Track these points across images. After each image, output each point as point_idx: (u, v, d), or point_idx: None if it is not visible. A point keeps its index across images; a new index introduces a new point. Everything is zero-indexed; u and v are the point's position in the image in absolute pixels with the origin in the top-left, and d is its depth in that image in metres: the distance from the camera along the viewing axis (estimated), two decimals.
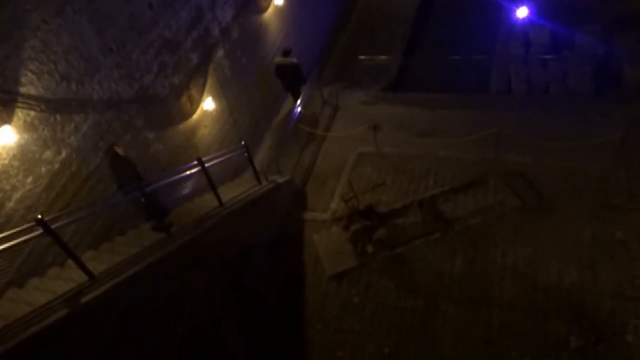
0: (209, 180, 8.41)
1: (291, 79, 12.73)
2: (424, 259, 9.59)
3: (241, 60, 11.62)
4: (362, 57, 14.55)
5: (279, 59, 12.52)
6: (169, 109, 9.30)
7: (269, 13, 12.67)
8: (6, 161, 6.31)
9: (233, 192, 9.69)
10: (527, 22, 14.99)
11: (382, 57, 15.05)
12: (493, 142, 10.60)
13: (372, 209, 10.28)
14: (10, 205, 6.46)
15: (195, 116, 10.00)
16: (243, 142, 9.73)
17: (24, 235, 5.84)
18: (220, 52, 10.71)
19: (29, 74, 6.46)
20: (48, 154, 6.88)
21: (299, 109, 12.62)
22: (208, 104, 10.20)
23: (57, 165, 7.04)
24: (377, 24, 18.37)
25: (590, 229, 9.22)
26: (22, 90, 6.38)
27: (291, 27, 13.66)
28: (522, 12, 14.29)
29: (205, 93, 10.22)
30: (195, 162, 8.12)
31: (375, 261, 9.75)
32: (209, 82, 10.37)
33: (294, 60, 12.43)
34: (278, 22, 13.19)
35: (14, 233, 5.81)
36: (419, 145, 11.71)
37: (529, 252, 9.20)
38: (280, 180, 10.84)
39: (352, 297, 9.45)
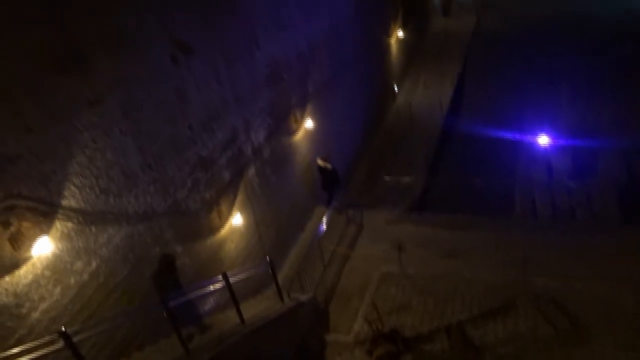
0: (232, 296, 8.33)
1: (328, 180, 14.12)
2: None
3: (270, 178, 12.07)
4: (387, 177, 14.99)
5: (320, 162, 13.92)
6: (199, 223, 9.52)
7: (299, 135, 13.38)
8: (39, 271, 6.41)
9: (255, 308, 9.53)
10: (548, 148, 15.47)
11: (406, 177, 15.49)
12: (520, 264, 10.43)
13: (397, 333, 9.90)
14: (35, 315, 6.44)
15: (223, 231, 10.19)
16: (268, 258, 9.77)
17: (45, 347, 5.77)
18: (251, 171, 11.17)
19: (72, 187, 6.77)
20: (79, 264, 6.99)
21: (324, 226, 12.78)
22: (236, 219, 10.43)
23: (86, 276, 7.10)
24: (401, 144, 19.16)
25: None
26: (64, 202, 6.65)
27: (319, 147, 14.33)
28: (543, 140, 14.80)
29: (234, 209, 10.51)
30: (220, 277, 8.13)
31: None
32: (239, 198, 10.70)
33: (329, 166, 13.79)
34: (307, 143, 13.86)
35: (35, 346, 5.74)
36: (444, 266, 11.57)
37: None
38: (303, 298, 10.66)
39: None
